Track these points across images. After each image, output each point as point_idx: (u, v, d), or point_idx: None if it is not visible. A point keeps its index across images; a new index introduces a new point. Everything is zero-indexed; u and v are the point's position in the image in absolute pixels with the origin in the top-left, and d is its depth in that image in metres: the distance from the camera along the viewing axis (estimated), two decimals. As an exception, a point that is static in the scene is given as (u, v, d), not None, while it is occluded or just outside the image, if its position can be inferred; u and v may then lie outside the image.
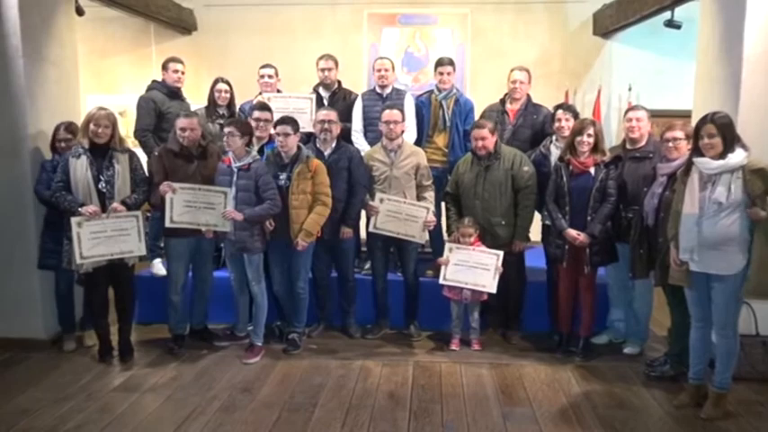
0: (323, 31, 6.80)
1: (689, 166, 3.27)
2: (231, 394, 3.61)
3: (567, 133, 4.14)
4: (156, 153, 4.16)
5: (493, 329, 4.58)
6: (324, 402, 3.50)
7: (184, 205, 3.93)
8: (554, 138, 4.31)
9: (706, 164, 3.15)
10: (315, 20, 6.84)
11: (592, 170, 3.95)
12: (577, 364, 4.07)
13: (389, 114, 4.28)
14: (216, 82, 4.82)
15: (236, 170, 3.96)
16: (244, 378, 3.83)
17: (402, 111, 4.36)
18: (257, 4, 6.82)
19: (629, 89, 6.67)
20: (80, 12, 4.89)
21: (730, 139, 3.11)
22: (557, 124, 4.24)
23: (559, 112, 4.26)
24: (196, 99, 5.20)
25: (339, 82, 4.94)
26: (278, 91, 4.96)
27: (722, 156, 3.11)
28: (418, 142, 4.67)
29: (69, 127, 4.10)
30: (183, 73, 4.87)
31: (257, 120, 4.27)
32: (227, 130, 3.96)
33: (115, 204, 3.82)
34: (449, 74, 4.64)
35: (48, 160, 4.12)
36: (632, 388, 3.71)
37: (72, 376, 3.83)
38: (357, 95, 4.89)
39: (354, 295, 4.59)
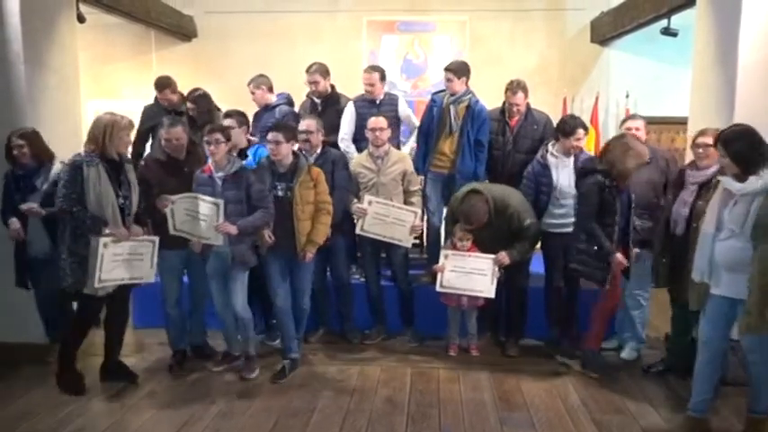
0: (322, 37, 6.84)
1: (718, 180, 3.09)
2: (229, 400, 3.61)
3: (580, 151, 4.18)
4: (143, 162, 4.02)
5: (490, 335, 4.58)
6: (322, 407, 3.51)
7: (185, 214, 3.72)
8: (550, 146, 4.23)
9: (727, 183, 2.95)
10: (314, 26, 6.88)
11: None
12: (574, 369, 4.07)
13: (375, 122, 4.28)
14: (185, 100, 4.97)
15: (219, 180, 3.73)
16: (242, 384, 3.84)
17: (396, 116, 4.37)
18: (257, 11, 6.87)
19: (627, 96, 6.71)
20: (81, 18, 4.92)
21: (748, 161, 2.86)
22: (575, 143, 4.13)
23: (581, 131, 4.15)
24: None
25: (332, 86, 4.92)
26: (266, 104, 4.89)
27: (742, 177, 2.89)
28: (426, 138, 4.63)
29: (25, 134, 3.84)
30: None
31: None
32: (212, 137, 3.67)
33: (137, 228, 3.65)
34: (449, 80, 4.53)
35: (9, 171, 3.88)
36: (629, 394, 3.72)
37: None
38: (347, 100, 4.86)
39: (351, 300, 4.59)
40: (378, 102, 4.73)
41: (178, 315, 4.07)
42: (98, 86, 6.93)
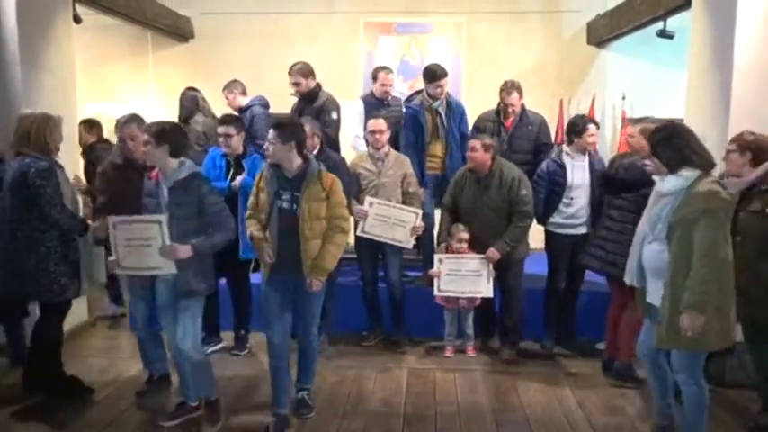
0: (319, 38, 6.84)
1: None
2: (225, 401, 3.59)
3: (595, 148, 4.20)
4: (100, 170, 3.69)
5: (482, 342, 4.50)
6: (318, 409, 3.50)
7: (125, 245, 3.07)
8: (564, 146, 4.25)
9: (658, 183, 2.88)
10: (311, 28, 6.88)
11: None
12: (571, 371, 4.08)
13: (375, 124, 4.25)
14: None
15: (166, 190, 3.11)
16: (238, 385, 3.84)
17: (399, 117, 4.37)
18: (254, 12, 6.85)
19: (623, 98, 6.72)
20: (77, 19, 4.91)
21: (670, 162, 2.76)
22: (590, 139, 4.16)
23: (592, 127, 4.18)
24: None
25: (318, 84, 4.80)
26: (239, 108, 4.92)
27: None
28: (416, 150, 4.62)
29: None
30: None
31: (220, 135, 4.09)
32: (143, 138, 3.13)
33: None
34: (444, 86, 4.57)
35: None
36: (626, 395, 3.72)
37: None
38: (327, 97, 4.73)
39: (332, 307, 4.35)
40: (386, 102, 4.74)
41: (152, 337, 3.61)
42: (95, 88, 6.91)
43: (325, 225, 3.22)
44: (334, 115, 4.74)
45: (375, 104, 4.75)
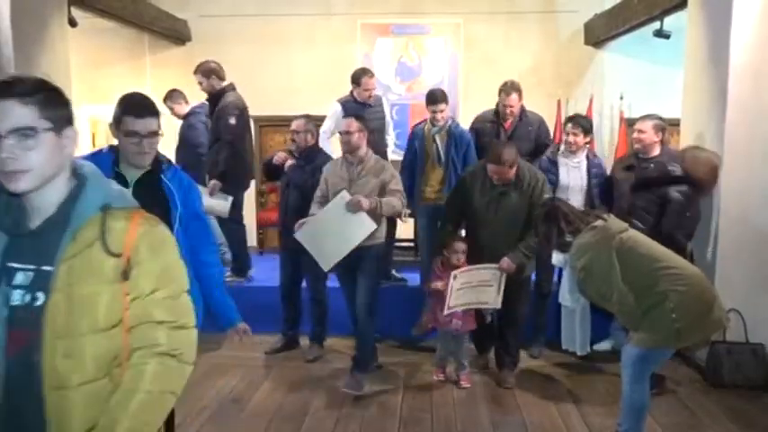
0: (317, 40, 6.84)
1: None
2: (221, 404, 3.60)
3: (574, 148, 4.11)
4: None
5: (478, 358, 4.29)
6: (314, 411, 3.50)
7: None
8: (562, 148, 4.22)
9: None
10: (309, 30, 6.87)
11: None
12: (569, 373, 4.06)
13: (346, 124, 3.75)
14: None
15: None
16: (234, 387, 3.83)
17: (384, 118, 4.31)
18: (251, 15, 6.85)
19: (621, 98, 6.71)
20: (73, 23, 4.91)
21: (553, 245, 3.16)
22: (566, 137, 4.14)
23: (568, 125, 4.16)
24: (189, 109, 5.23)
25: (231, 85, 4.82)
26: (185, 115, 5.00)
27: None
28: (411, 173, 4.48)
29: None
30: None
31: None
32: None
33: None
34: (441, 111, 4.31)
35: None
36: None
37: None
38: (229, 101, 4.68)
39: (324, 316, 4.37)
40: (367, 104, 4.72)
41: None
42: (91, 91, 6.91)
43: (122, 346, 1.30)
44: (232, 120, 4.66)
45: (357, 107, 4.67)
